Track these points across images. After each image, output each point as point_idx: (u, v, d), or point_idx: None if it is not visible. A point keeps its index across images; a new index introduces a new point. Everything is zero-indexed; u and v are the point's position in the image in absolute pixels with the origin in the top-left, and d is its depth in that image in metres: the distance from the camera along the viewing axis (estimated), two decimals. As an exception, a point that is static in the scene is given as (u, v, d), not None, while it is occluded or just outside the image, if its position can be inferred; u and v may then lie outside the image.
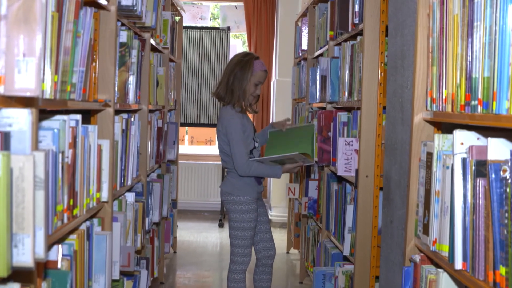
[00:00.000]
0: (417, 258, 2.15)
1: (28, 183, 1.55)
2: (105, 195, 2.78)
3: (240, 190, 3.69)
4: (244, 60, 3.72)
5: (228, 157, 3.73)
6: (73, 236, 2.29)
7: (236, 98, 3.68)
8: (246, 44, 8.52)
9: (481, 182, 1.67)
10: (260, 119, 8.09)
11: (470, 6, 1.73)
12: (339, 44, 4.03)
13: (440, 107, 1.99)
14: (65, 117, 2.06)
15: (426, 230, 2.07)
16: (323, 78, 4.33)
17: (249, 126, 3.72)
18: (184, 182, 8.08)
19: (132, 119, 3.35)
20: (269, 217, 7.67)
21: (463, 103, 1.77)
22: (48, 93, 1.91)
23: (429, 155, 2.05)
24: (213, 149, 8.36)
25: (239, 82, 3.68)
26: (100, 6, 2.74)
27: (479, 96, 1.65)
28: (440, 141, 2.00)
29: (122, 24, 3.19)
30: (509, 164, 1.53)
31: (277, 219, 7.60)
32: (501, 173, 1.55)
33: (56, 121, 2.03)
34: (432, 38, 2.07)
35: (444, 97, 1.94)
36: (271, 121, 8.12)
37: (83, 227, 2.43)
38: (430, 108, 2.10)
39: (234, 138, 3.62)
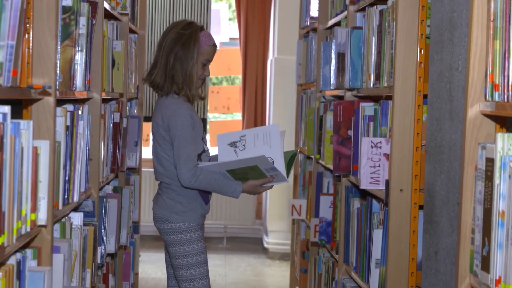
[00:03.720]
0: (473, 303, 2.14)
1: None
2: (42, 216, 2.76)
3: (180, 216, 3.66)
4: (186, 34, 3.67)
5: (164, 167, 3.67)
6: (-1, 274, 2.27)
7: (180, 85, 3.65)
8: (234, 8, 8.52)
9: None
10: (252, 114, 8.06)
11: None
12: (363, 9, 4.03)
13: (505, 96, 1.98)
14: (-12, 109, 2.05)
15: (485, 265, 2.06)
16: (341, 56, 4.32)
17: (199, 122, 3.71)
18: (149, 197, 8.07)
19: (80, 112, 3.34)
20: (265, 245, 7.67)
21: (538, 90, 1.76)
22: (-35, 76, 1.89)
23: (490, 161, 2.05)
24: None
25: (182, 64, 3.65)
26: (35, -43, 2.73)
27: (561, 81, 1.64)
28: (505, 142, 1.99)
29: (66, -18, 3.17)
30: None
31: (276, 248, 7.59)
32: None
33: (-25, 115, 2.01)
34: (495, 1, 2.06)
35: (510, 83, 1.94)
36: (266, 117, 8.10)
37: (12, 261, 2.42)
38: (490, 97, 2.10)
39: (181, 136, 3.58)
